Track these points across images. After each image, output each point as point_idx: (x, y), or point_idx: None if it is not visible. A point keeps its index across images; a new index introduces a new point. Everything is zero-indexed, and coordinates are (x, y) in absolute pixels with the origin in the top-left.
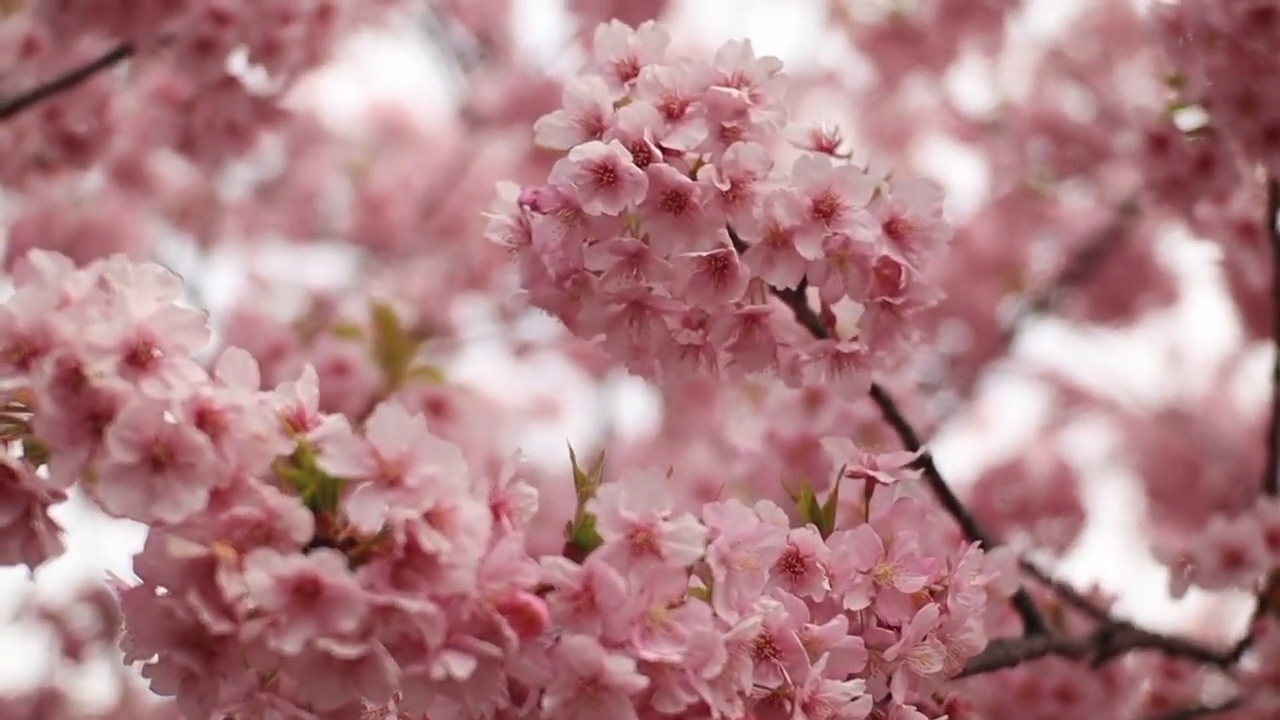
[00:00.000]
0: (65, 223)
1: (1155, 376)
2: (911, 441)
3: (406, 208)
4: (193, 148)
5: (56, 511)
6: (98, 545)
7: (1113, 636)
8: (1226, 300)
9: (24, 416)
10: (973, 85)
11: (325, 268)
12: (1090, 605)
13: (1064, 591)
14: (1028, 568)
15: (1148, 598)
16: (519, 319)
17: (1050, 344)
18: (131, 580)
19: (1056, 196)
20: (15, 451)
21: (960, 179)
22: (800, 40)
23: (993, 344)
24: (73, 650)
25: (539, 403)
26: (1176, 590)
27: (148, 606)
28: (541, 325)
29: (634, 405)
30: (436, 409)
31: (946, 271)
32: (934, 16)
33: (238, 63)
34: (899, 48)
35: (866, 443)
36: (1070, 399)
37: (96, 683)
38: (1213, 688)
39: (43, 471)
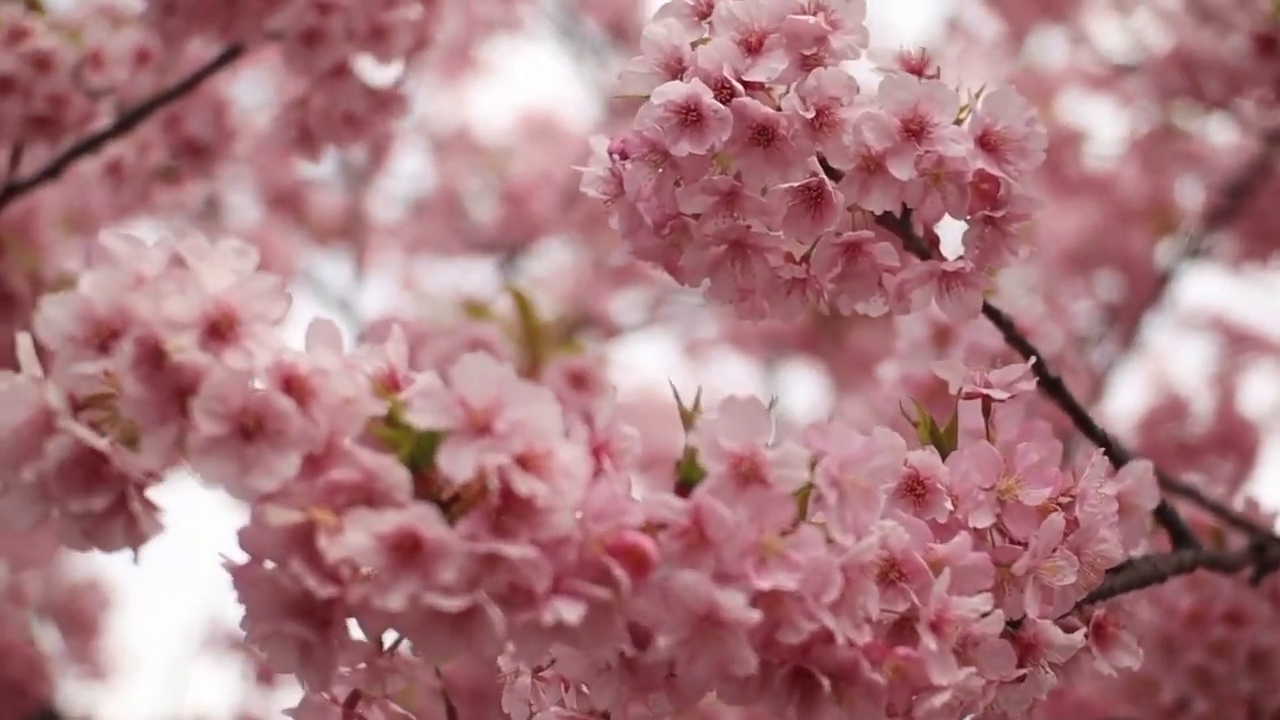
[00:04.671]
0: None
1: None
2: (1038, 364)
3: (548, 200)
4: (311, 142)
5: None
6: None
7: (1268, 549)
8: None
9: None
10: (1108, 32)
11: (476, 274)
12: (1249, 523)
13: (1220, 511)
14: (1182, 490)
15: None
16: (673, 305)
17: (1213, 290)
18: (241, 558)
19: (1200, 133)
20: (110, 437)
21: (1104, 128)
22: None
23: (1149, 291)
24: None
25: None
26: None
27: (257, 581)
28: (704, 316)
29: (802, 388)
30: (578, 381)
31: (1095, 220)
32: None
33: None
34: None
35: None
36: (1241, 345)
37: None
38: None
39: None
